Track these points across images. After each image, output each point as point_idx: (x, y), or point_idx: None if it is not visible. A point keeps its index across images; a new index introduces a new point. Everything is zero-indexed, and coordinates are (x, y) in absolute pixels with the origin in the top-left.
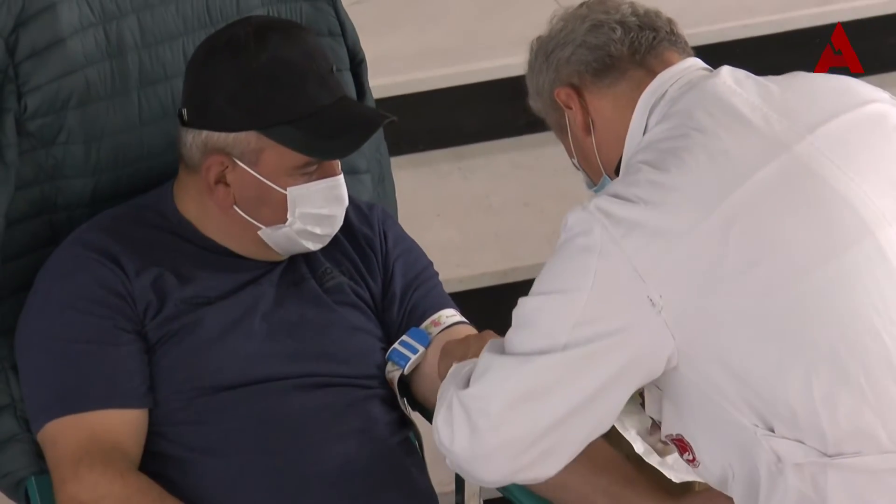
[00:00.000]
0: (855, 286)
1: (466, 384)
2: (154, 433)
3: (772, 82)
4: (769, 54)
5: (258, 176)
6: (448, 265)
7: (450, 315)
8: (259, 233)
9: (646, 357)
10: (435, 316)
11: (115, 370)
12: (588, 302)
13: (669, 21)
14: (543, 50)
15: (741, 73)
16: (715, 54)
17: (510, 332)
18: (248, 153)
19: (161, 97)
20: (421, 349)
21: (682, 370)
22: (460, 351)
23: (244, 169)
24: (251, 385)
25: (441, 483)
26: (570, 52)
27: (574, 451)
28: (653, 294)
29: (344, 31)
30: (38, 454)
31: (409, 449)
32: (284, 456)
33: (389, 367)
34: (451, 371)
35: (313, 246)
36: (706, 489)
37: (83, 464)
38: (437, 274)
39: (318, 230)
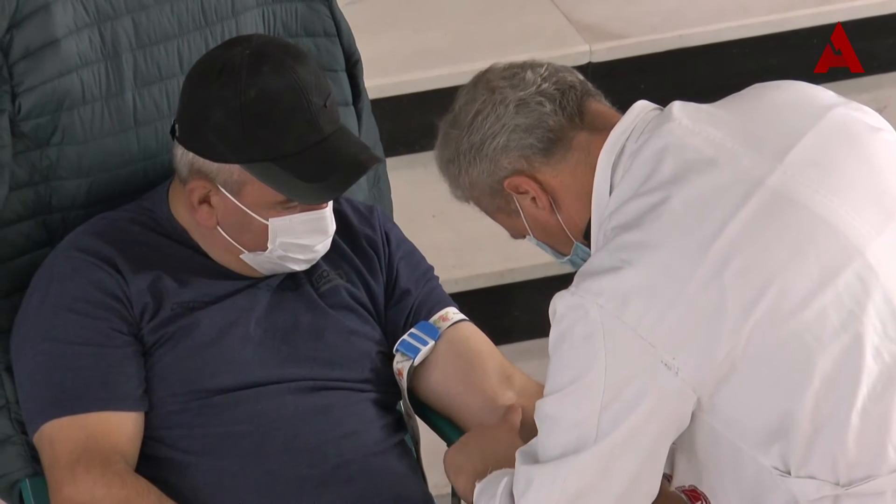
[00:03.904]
0: (852, 309)
1: (511, 502)
2: (150, 436)
3: (723, 109)
4: (765, 55)
5: (240, 205)
6: (444, 266)
7: (455, 313)
8: (241, 256)
9: (675, 417)
10: (442, 311)
11: (112, 372)
12: (607, 385)
13: (572, 70)
14: (469, 144)
15: (691, 108)
16: (711, 55)
17: (540, 437)
18: (230, 183)
19: (156, 98)
20: (431, 342)
21: (704, 419)
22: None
23: (227, 196)
24: (246, 388)
25: (437, 486)
26: (504, 140)
27: None
28: (665, 358)
29: (339, 31)
30: (33, 456)
31: (405, 452)
32: (279, 459)
33: (399, 358)
34: (478, 489)
35: (298, 267)
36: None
37: (81, 466)
38: (437, 277)
39: (300, 256)
